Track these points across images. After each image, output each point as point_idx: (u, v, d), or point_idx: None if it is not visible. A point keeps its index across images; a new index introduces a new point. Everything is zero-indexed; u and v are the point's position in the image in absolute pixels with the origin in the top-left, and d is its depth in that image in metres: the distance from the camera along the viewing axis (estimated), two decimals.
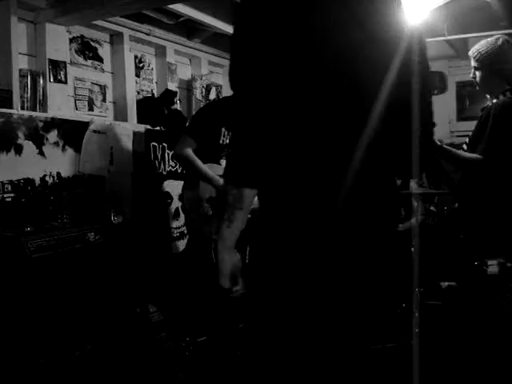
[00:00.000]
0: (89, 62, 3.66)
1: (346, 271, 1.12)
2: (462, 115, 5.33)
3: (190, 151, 3.03)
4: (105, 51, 3.79)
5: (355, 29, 1.07)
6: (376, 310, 1.18)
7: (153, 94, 4.16)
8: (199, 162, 3.03)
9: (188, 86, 4.51)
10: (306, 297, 1.12)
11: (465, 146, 2.58)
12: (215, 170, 3.12)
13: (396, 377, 2.06)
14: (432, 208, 3.81)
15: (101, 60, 3.76)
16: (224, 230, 1.23)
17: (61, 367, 2.49)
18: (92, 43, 3.69)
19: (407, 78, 1.10)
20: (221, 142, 3.18)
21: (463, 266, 2.44)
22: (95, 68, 3.71)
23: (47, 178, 3.15)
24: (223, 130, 3.18)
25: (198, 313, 3.25)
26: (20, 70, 3.11)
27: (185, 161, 3.07)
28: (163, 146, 3.89)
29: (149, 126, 3.80)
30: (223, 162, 3.20)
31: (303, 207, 1.10)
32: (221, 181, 3.08)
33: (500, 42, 2.42)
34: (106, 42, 3.80)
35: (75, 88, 3.55)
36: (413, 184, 2.53)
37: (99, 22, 3.55)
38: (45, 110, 3.21)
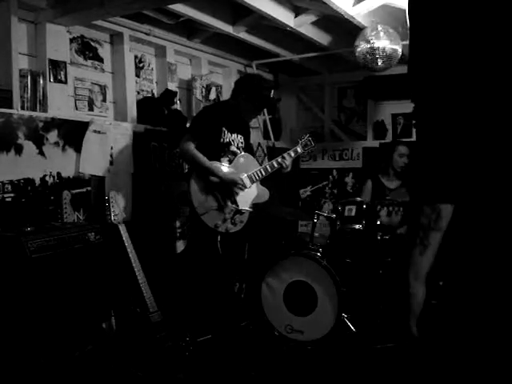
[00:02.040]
0: (89, 62, 3.66)
1: None
2: None
3: (192, 147, 3.17)
4: (105, 51, 3.79)
5: None
6: None
7: (153, 94, 4.16)
8: (202, 157, 3.15)
9: (188, 86, 4.51)
10: None
11: None
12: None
13: (396, 376, 2.06)
14: None
15: (101, 60, 3.76)
16: (417, 258, 1.05)
17: (61, 367, 2.49)
18: (92, 43, 3.69)
19: None
20: (222, 140, 3.27)
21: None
22: (95, 68, 3.71)
23: (47, 178, 3.15)
24: (224, 129, 3.26)
25: (199, 312, 3.26)
26: (20, 70, 3.11)
27: (189, 157, 3.20)
28: (163, 146, 3.89)
29: (149, 126, 3.80)
30: (224, 160, 3.27)
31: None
32: (222, 171, 3.13)
33: None
34: (106, 42, 3.80)
35: (75, 88, 3.55)
36: None
37: (99, 22, 3.55)
38: (45, 110, 3.21)
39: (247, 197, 3.34)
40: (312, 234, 3.59)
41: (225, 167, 3.26)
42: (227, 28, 3.99)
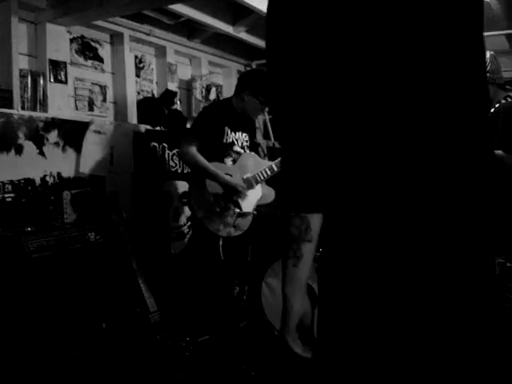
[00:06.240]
0: (89, 63, 3.67)
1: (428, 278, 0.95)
2: None
3: (194, 150, 3.11)
4: (105, 51, 3.79)
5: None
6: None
7: (153, 95, 4.16)
8: (203, 160, 3.08)
9: (188, 86, 4.52)
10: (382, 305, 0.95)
11: None
12: (220, 169, 3.16)
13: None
14: None
15: (101, 60, 3.76)
16: (291, 271, 1.00)
17: (61, 367, 2.49)
18: (92, 43, 3.69)
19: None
20: (224, 140, 3.20)
21: None
22: (95, 68, 3.71)
23: (47, 178, 3.15)
24: (226, 129, 3.20)
25: (199, 312, 3.26)
26: (20, 70, 3.11)
27: (189, 159, 3.13)
28: (163, 146, 3.89)
29: (149, 126, 3.81)
30: (227, 161, 3.21)
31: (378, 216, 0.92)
32: (224, 176, 3.10)
33: (489, 55, 2.71)
34: (106, 42, 3.80)
35: (75, 88, 3.56)
36: None
37: (99, 23, 3.55)
38: (45, 110, 3.22)
39: (251, 199, 3.26)
40: None
41: (228, 168, 3.19)
42: (227, 28, 3.99)
